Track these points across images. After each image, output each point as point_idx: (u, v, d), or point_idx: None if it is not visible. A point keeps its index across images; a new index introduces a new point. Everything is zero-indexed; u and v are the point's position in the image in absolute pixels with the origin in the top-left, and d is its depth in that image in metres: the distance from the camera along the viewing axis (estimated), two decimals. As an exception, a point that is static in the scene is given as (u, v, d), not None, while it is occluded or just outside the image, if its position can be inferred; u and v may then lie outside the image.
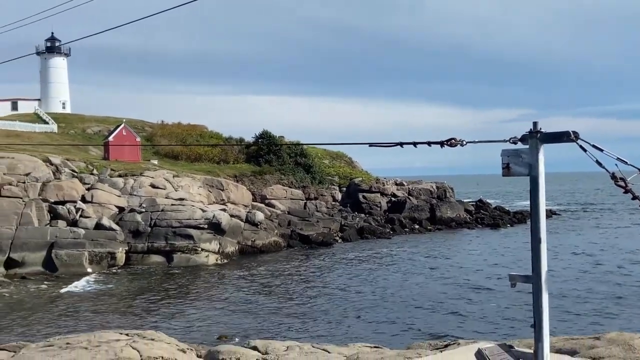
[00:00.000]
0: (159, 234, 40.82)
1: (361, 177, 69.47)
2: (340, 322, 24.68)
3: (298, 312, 26.67)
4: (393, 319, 25.00)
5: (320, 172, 67.02)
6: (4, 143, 50.74)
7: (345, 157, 79.16)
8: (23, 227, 38.05)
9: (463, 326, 23.64)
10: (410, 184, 68.78)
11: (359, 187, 65.31)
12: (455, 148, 4.49)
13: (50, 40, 71.98)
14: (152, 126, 72.15)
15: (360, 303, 28.21)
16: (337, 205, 63.35)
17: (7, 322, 25.53)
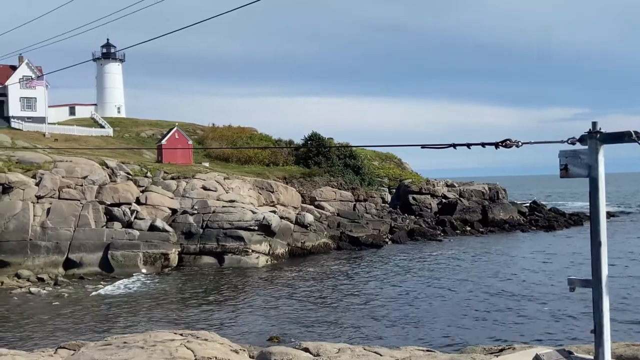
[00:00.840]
0: (211, 236, 41.43)
1: (411, 179, 68.94)
2: (391, 325, 24.53)
3: (348, 314, 26.64)
4: (444, 322, 24.70)
5: (369, 173, 66.81)
6: (62, 147, 52.46)
7: (395, 159, 78.71)
8: (81, 229, 39.21)
9: (517, 331, 23.17)
10: (461, 185, 67.87)
11: (409, 189, 64.83)
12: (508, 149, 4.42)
13: (106, 46, 74.05)
14: (203, 129, 73.32)
15: (410, 305, 27.98)
16: (386, 206, 63.03)
17: (66, 321, 26.35)
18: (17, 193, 39.24)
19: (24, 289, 33.16)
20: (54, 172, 41.76)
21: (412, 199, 63.59)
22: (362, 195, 60.69)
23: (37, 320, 26.73)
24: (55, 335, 23.35)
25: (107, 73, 74.38)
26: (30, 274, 36.00)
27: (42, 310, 28.55)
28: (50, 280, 35.22)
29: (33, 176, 40.85)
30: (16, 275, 35.78)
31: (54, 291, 32.80)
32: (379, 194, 64.26)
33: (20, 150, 47.00)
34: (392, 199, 65.62)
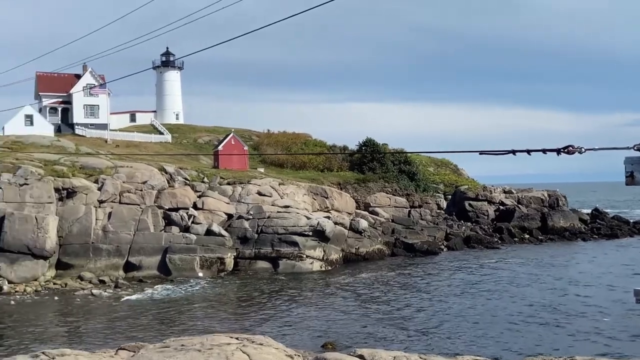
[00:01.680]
0: (266, 241, 41.81)
1: (467, 185, 67.90)
2: (447, 334, 24.16)
3: (402, 321, 26.38)
4: (500, 332, 24.17)
5: (424, 179, 66.15)
6: (123, 153, 53.98)
7: (451, 165, 77.70)
8: (140, 233, 40.21)
9: (576, 342, 22.45)
10: (520, 192, 66.41)
11: (465, 195, 63.86)
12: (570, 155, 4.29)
13: (165, 55, 75.88)
14: (258, 135, 74.14)
15: (465, 314, 27.49)
16: (442, 213, 62.25)
17: (126, 322, 27.03)
18: (81, 197, 40.57)
19: (86, 290, 34.23)
20: (115, 177, 43.00)
21: (468, 206, 62.61)
22: (417, 201, 60.12)
23: (99, 321, 27.53)
24: (116, 337, 23.98)
25: (166, 81, 76.17)
26: (92, 276, 37.13)
27: (103, 312, 29.39)
28: (111, 282, 36.24)
29: (95, 181, 42.16)
30: (79, 277, 36.98)
31: (114, 293, 33.73)
32: (435, 200, 63.53)
33: (83, 156, 48.59)
34: (447, 206, 64.76)
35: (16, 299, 32.56)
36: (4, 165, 41.23)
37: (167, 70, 76.07)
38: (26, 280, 35.90)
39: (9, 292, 33.90)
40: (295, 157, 62.76)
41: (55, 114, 66.81)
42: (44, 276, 36.77)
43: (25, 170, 40.68)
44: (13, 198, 39.00)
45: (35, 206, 38.99)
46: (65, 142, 55.09)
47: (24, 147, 50.02)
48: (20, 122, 59.28)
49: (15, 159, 43.07)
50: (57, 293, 33.92)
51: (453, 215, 61.99)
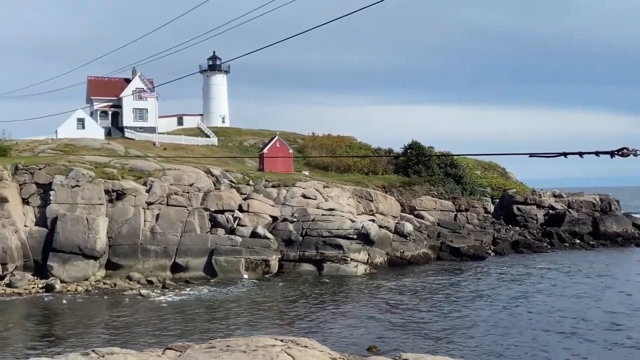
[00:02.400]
0: (310, 243, 41.85)
1: (515, 189, 66.60)
2: (495, 341, 23.68)
3: (447, 326, 25.99)
4: (549, 343, 23.54)
5: (471, 183, 65.15)
6: (171, 156, 54.88)
7: (498, 168, 76.33)
8: (187, 234, 40.77)
9: (631, 357, 21.68)
10: (570, 196, 64.81)
11: (513, 199, 62.66)
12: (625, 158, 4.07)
13: (212, 59, 76.88)
14: (303, 138, 74.35)
15: (512, 321, 26.90)
16: (489, 217, 61.21)
17: (173, 322, 27.41)
18: (130, 199, 41.40)
19: (134, 290, 34.86)
20: (163, 179, 43.73)
21: (516, 210, 61.42)
22: (463, 205, 59.29)
23: (146, 321, 27.98)
24: (163, 336, 24.33)
25: (213, 84, 77.16)
26: (141, 276, 37.81)
27: (151, 312, 29.86)
28: (158, 283, 36.82)
29: (144, 183, 42.97)
30: (128, 278, 37.71)
31: (161, 294, 34.25)
32: (481, 204, 62.50)
33: (132, 158, 49.59)
34: (495, 209, 63.63)
35: (68, 298, 33.41)
36: (57, 167, 42.39)
37: (214, 74, 77.04)
38: (77, 279, 36.81)
39: (61, 291, 34.82)
40: (339, 160, 62.68)
41: (106, 117, 68.42)
42: (94, 276, 37.63)
43: (77, 172, 41.74)
44: (65, 199, 40.07)
45: (87, 207, 39.97)
46: (115, 145, 56.34)
47: (76, 150, 51.36)
48: (73, 125, 60.90)
49: (67, 162, 44.23)
50: (106, 293, 34.67)
51: (501, 219, 60.90)
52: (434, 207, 55.89)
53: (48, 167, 42.30)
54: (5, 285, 35.66)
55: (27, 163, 43.34)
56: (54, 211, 39.34)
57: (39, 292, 34.93)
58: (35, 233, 39.13)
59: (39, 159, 46.40)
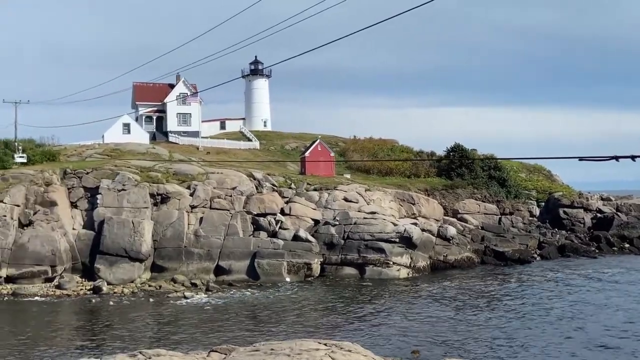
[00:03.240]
0: (352, 247, 41.73)
1: (561, 192, 65.17)
2: (539, 348, 23.16)
3: (490, 332, 25.54)
4: (596, 351, 22.90)
5: (515, 186, 64.04)
6: (214, 160, 55.52)
7: (544, 170, 74.85)
8: (230, 237, 41.14)
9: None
10: (619, 199, 63.10)
11: (560, 202, 61.31)
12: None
13: (254, 63, 77.57)
14: (344, 141, 74.29)
15: (558, 328, 26.26)
16: (534, 220, 60.05)
17: (217, 325, 27.65)
18: (174, 203, 42.02)
19: (179, 293, 35.33)
20: (206, 183, 44.25)
21: (563, 213, 60.07)
22: (507, 208, 58.31)
23: (191, 323, 28.31)
24: (207, 339, 24.57)
25: (255, 89, 77.82)
26: (185, 279, 38.30)
27: (195, 314, 30.20)
28: (202, 285, 37.23)
29: (188, 187, 43.57)
30: (172, 280, 38.25)
31: (205, 296, 34.62)
32: (527, 207, 61.35)
33: (176, 162, 50.34)
34: (540, 213, 62.38)
35: (114, 300, 34.06)
36: (103, 171, 43.34)
37: (256, 78, 77.71)
38: (123, 282, 37.52)
39: (107, 293, 35.53)
40: (381, 163, 62.41)
41: (151, 122, 69.68)
42: (140, 278, 38.30)
43: (123, 176, 42.59)
44: (112, 203, 40.92)
45: (132, 211, 40.72)
46: (159, 149, 57.30)
47: (121, 155, 52.43)
48: (119, 130, 62.19)
49: (114, 166, 45.18)
50: (152, 295, 35.20)
51: (546, 223, 59.66)
52: (477, 210, 55.13)
53: (95, 171, 43.28)
54: (54, 287, 36.61)
55: (75, 167, 44.44)
56: (101, 214, 40.21)
57: (86, 293, 35.72)
58: (83, 236, 40.07)
59: (87, 163, 47.51)
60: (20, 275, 37.04)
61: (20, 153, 47.01)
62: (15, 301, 34.02)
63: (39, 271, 37.29)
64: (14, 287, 36.29)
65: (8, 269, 37.08)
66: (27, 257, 37.46)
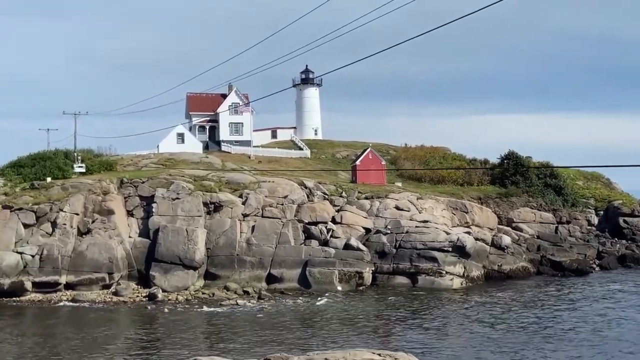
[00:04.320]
0: (404, 256, 41.30)
1: (621, 200, 62.97)
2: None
3: (546, 347, 24.79)
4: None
5: (573, 194, 62.22)
6: (265, 169, 55.99)
7: (602, 178, 72.50)
8: (281, 246, 41.31)
9: None
10: (683, 207, 60.41)
11: (620, 211, 59.22)
12: None
13: (305, 72, 77.98)
14: (395, 149, 73.76)
15: (619, 342, 25.27)
16: (593, 230, 58.14)
17: (270, 333, 27.74)
18: (226, 211, 42.50)
19: (231, 301, 35.64)
20: (258, 191, 44.60)
21: (623, 222, 57.97)
22: (564, 217, 56.68)
23: (244, 331, 28.50)
24: (261, 347, 24.67)
25: (306, 97, 78.17)
26: (237, 287, 38.62)
27: (248, 322, 30.40)
28: (254, 293, 37.45)
29: (240, 195, 44.00)
30: (225, 288, 38.62)
31: (257, 304, 34.81)
32: (584, 216, 59.49)
33: (229, 171, 50.94)
34: (599, 222, 60.37)
35: (169, 307, 34.61)
36: (158, 181, 44.22)
37: (307, 87, 78.06)
38: (178, 289, 38.11)
39: (162, 300, 36.14)
40: (433, 171, 61.66)
41: (204, 131, 70.79)
42: (194, 286, 38.83)
43: (177, 185, 43.35)
44: (166, 211, 41.69)
45: (186, 219, 41.38)
46: (212, 158, 58.12)
47: (176, 164, 53.40)
48: (173, 140, 63.41)
49: (168, 175, 46.04)
50: (205, 302, 35.62)
51: (605, 232, 57.70)
52: (533, 219, 53.76)
53: (150, 180, 44.19)
54: (111, 294, 37.49)
55: (131, 177, 45.50)
56: (155, 223, 41.01)
57: (142, 300, 36.43)
58: (138, 244, 40.93)
59: (142, 173, 48.57)
60: (79, 282, 38.08)
61: (79, 163, 48.40)
62: (74, 307, 34.98)
63: (96, 278, 38.27)
64: (73, 293, 37.35)
65: (67, 275, 38.19)
66: (85, 265, 38.50)
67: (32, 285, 37.42)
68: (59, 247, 38.70)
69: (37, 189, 43.27)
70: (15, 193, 43.06)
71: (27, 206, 40.87)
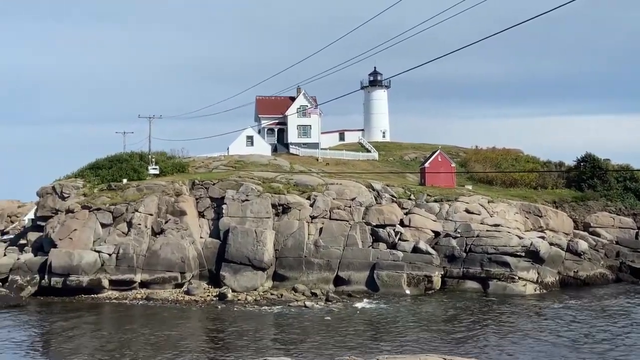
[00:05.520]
0: (474, 260, 40.42)
1: None
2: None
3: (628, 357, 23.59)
4: None
5: (655, 198, 59.20)
6: (333, 171, 56.04)
7: (687, 181, 68.67)
8: (349, 248, 41.21)
9: None
10: None
11: None
12: None
13: (373, 74, 77.64)
14: (466, 151, 72.34)
15: None
16: (677, 236, 55.15)
17: (338, 335, 27.66)
18: (294, 213, 42.77)
19: (299, 302, 35.80)
20: (326, 194, 44.67)
21: None
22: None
23: (312, 332, 28.54)
24: (329, 349, 24.62)
25: (374, 100, 77.79)
26: (305, 288, 38.77)
27: (316, 324, 30.43)
28: (322, 295, 37.51)
29: (308, 198, 44.20)
30: (293, 289, 38.86)
31: (325, 306, 34.83)
32: (668, 221, 56.50)
33: (297, 173, 51.27)
34: (684, 227, 57.21)
35: (238, 306, 35.11)
36: (228, 182, 44.99)
37: (375, 89, 77.68)
38: (247, 289, 38.64)
39: (232, 300, 36.70)
40: (505, 174, 60.09)
41: (272, 134, 71.54)
42: (262, 286, 39.27)
43: (247, 187, 43.97)
44: (236, 213, 42.36)
45: (255, 221, 41.92)
46: (281, 160, 58.68)
47: (245, 166, 54.20)
48: (242, 142, 64.43)
49: (238, 177, 46.77)
50: (273, 303, 35.94)
51: (692, 238, 54.61)
52: (611, 224, 51.53)
53: (221, 182, 45.02)
54: (183, 293, 38.40)
55: (202, 179, 46.49)
56: (225, 224, 41.73)
57: (212, 300, 37.12)
58: (209, 244, 41.78)
59: (213, 175, 49.54)
60: (152, 280, 39.21)
61: (153, 165, 49.82)
62: (148, 305, 36.01)
63: (169, 277, 39.32)
64: (147, 291, 38.50)
65: (142, 274, 39.39)
66: (159, 264, 39.62)
67: (109, 283, 38.84)
68: (134, 247, 39.98)
69: (114, 190, 44.84)
70: (94, 194, 44.77)
71: (104, 206, 42.45)
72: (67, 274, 38.65)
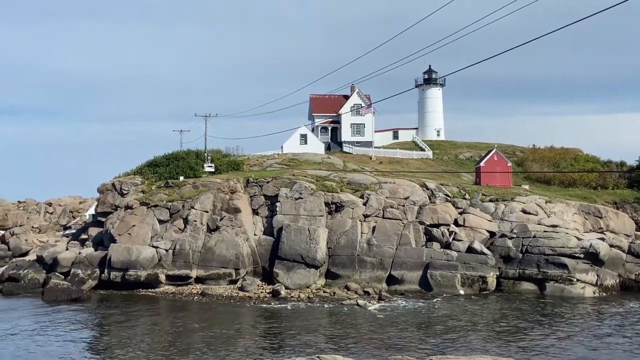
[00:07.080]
0: (531, 261, 39.62)
1: None
2: None
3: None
4: None
5: None
6: (386, 170, 55.82)
7: None
8: (402, 247, 41.02)
9: None
10: None
11: None
12: None
13: (428, 72, 76.94)
14: (523, 150, 70.91)
15: None
16: None
17: (390, 334, 27.60)
18: (347, 212, 42.84)
19: (352, 300, 35.86)
20: (379, 192, 44.57)
21: None
22: None
23: (364, 331, 28.57)
24: (381, 348, 24.61)
25: (428, 98, 77.09)
26: (358, 287, 38.82)
27: (368, 323, 30.44)
28: (374, 294, 37.48)
29: (361, 196, 44.21)
30: (346, 287, 38.96)
31: (378, 305, 34.77)
32: None
33: (350, 172, 51.31)
34: None
35: (292, 304, 35.43)
36: (282, 180, 45.42)
37: (429, 87, 76.97)
38: (300, 287, 38.96)
39: (285, 297, 37.06)
40: (563, 174, 58.62)
41: (326, 133, 71.80)
42: (315, 284, 39.52)
43: (300, 185, 44.30)
44: (289, 211, 42.74)
45: (308, 219, 42.20)
46: (334, 159, 58.82)
47: (298, 164, 54.58)
48: (296, 141, 64.89)
49: (292, 175, 47.16)
50: (326, 301, 36.12)
51: None
52: (676, 226, 49.57)
53: (275, 180, 45.49)
54: (237, 289, 39.01)
55: (256, 176, 47.09)
56: (279, 221, 42.17)
57: (266, 296, 37.58)
58: (263, 241, 42.31)
59: (267, 172, 50.10)
60: (207, 276, 39.99)
61: (209, 163, 50.76)
62: (203, 301, 36.74)
63: (224, 273, 40.02)
64: (202, 287, 39.28)
65: (197, 270, 40.22)
66: (214, 260, 40.37)
67: (165, 278, 39.81)
68: (190, 243, 40.85)
69: (171, 187, 45.90)
70: (152, 191, 45.94)
71: (161, 203, 43.52)
72: (125, 268, 39.82)
